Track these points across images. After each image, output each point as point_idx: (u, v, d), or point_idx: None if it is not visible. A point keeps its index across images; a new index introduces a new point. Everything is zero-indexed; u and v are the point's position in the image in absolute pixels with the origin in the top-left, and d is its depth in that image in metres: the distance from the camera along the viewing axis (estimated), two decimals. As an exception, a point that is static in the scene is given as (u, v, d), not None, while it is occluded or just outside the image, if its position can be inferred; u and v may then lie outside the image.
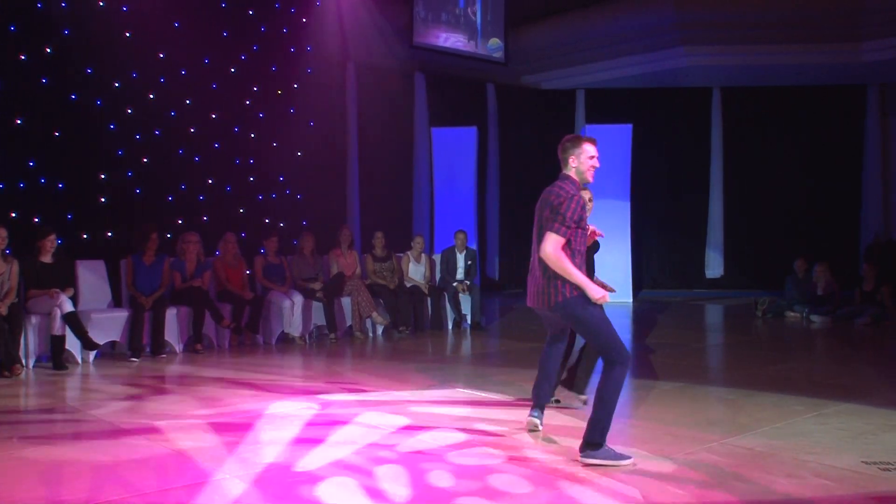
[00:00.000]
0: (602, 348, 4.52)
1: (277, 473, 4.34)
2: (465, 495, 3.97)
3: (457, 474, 4.30)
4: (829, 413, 5.75)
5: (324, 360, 8.54)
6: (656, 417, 5.57)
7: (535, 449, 4.80)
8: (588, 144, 4.87)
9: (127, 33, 10.12)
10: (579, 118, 17.14)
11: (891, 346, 9.71)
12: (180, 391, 6.64)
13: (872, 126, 16.62)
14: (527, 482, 4.17)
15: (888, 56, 14.14)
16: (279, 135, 11.80)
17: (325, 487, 4.09)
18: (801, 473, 4.33)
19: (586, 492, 4.04)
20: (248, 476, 4.25)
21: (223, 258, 9.44)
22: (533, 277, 4.72)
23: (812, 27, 14.10)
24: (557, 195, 4.64)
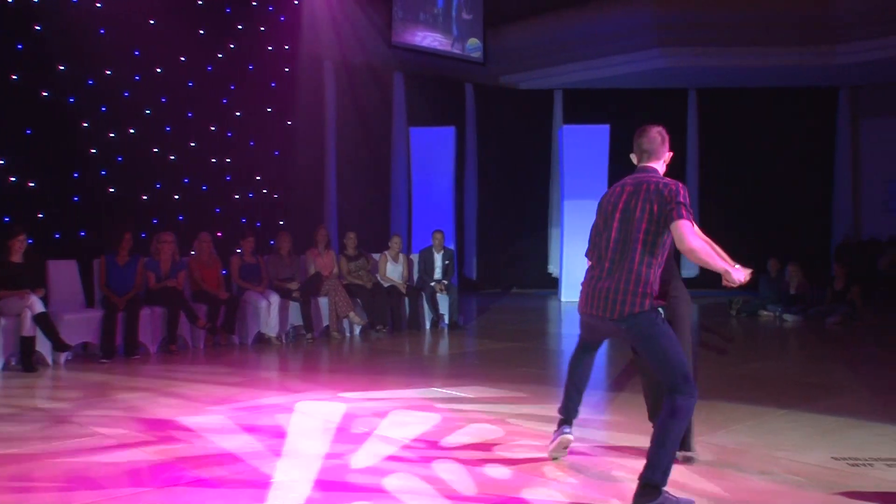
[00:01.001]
0: (667, 372, 3.82)
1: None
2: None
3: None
4: (801, 410, 5.82)
5: (300, 361, 8.49)
6: (631, 416, 5.59)
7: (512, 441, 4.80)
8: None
9: (101, 30, 9.99)
10: (557, 118, 17.21)
11: (860, 345, 9.81)
12: (154, 393, 6.56)
13: (843, 128, 16.83)
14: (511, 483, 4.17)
15: (860, 59, 14.30)
16: (256, 134, 11.72)
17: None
18: (773, 470, 4.39)
19: (566, 488, 4.05)
20: (217, 478, 4.22)
21: (198, 258, 9.36)
22: (601, 282, 4.00)
23: (786, 30, 14.24)
24: (665, 185, 3.93)
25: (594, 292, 4.03)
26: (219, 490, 4.05)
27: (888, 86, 16.19)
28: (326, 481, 4.16)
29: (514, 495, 3.96)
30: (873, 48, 14.01)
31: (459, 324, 10.81)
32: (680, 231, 3.76)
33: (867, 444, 4.88)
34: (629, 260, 3.90)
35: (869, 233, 16.21)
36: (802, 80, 15.96)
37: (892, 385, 7.09)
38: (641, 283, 3.85)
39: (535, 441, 4.94)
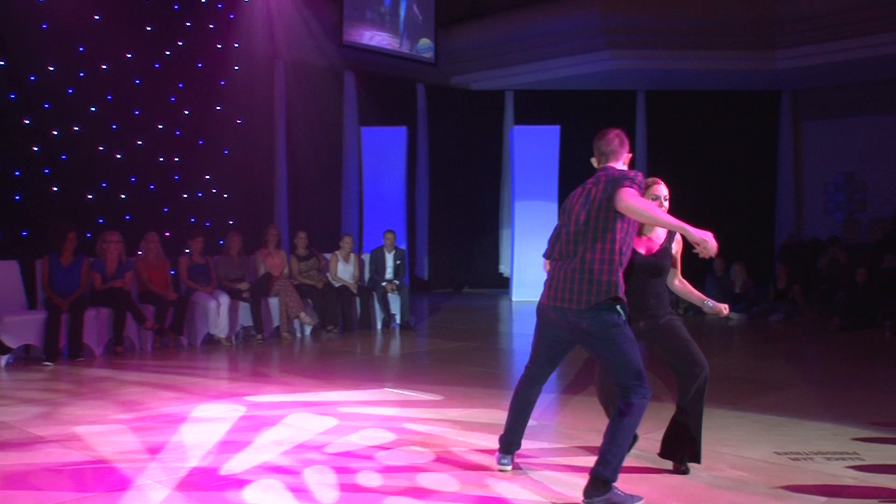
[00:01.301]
0: (623, 372, 3.88)
1: (201, 477, 4.25)
2: (394, 495, 3.95)
3: (385, 474, 4.28)
4: (745, 407, 5.94)
5: (250, 361, 8.41)
6: (584, 414, 5.65)
7: (462, 447, 4.80)
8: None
9: (44, 24, 9.78)
10: (508, 119, 17.27)
11: (802, 342, 10.04)
12: (99, 395, 6.45)
13: (786, 130, 17.19)
14: (456, 481, 4.17)
15: (800, 64, 14.60)
16: (205, 133, 11.58)
17: (250, 491, 4.03)
18: (718, 465, 4.47)
19: (514, 488, 4.06)
20: (170, 481, 4.16)
21: (145, 258, 9.22)
22: (565, 273, 3.99)
23: (730, 35, 14.48)
24: (623, 173, 3.96)
25: (558, 284, 4.04)
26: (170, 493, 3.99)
27: (828, 89, 16.56)
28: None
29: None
30: (813, 53, 14.31)
31: (411, 324, 10.80)
32: (620, 193, 3.80)
33: (808, 439, 5.00)
34: (591, 251, 3.92)
35: (810, 233, 16.56)
36: (746, 83, 16.26)
37: (832, 381, 7.27)
38: (605, 273, 3.87)
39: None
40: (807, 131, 17.22)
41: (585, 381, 6.93)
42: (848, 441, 4.95)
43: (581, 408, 5.94)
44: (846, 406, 5.97)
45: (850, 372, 7.77)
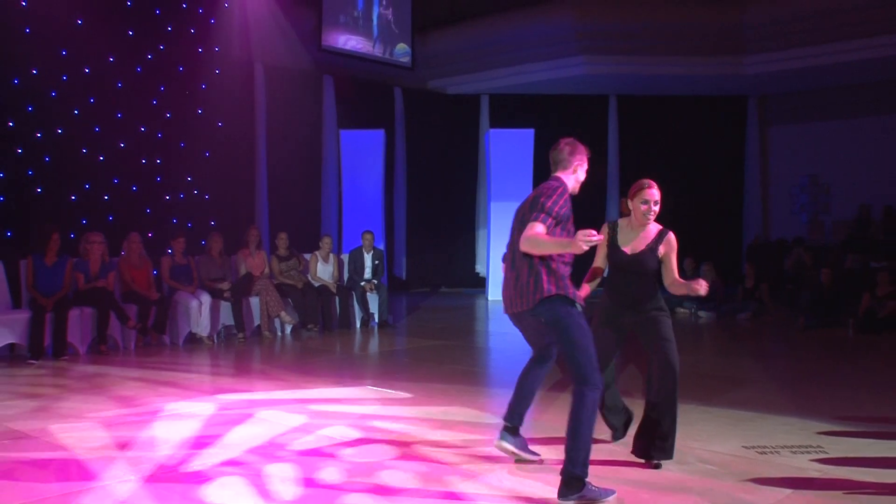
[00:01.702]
0: (578, 364, 3.92)
1: (166, 473, 4.28)
2: (354, 492, 3.97)
3: (349, 471, 4.29)
4: (713, 403, 6.00)
5: (231, 360, 8.40)
6: (557, 411, 5.66)
7: (429, 445, 4.83)
8: (587, 156, 4.52)
9: (27, 28, 9.71)
10: (484, 122, 17.33)
11: (769, 340, 10.16)
12: (81, 393, 6.42)
13: (753, 135, 17.37)
14: (418, 479, 4.19)
15: (766, 70, 14.79)
16: (187, 135, 11.53)
17: (212, 488, 4.06)
18: (688, 459, 4.51)
19: (474, 485, 4.08)
20: (137, 477, 4.17)
21: (128, 258, 9.17)
22: (510, 281, 4.20)
23: (699, 41, 14.61)
24: (541, 193, 4.14)
25: (508, 292, 4.22)
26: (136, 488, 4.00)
27: (793, 95, 16.75)
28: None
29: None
30: (778, 59, 14.49)
31: (389, 322, 10.82)
32: (526, 229, 4.01)
33: (774, 434, 5.07)
34: (528, 258, 4.08)
35: (777, 234, 16.74)
36: (715, 89, 16.41)
37: (797, 378, 7.37)
38: (543, 276, 4.03)
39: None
40: (773, 135, 17.42)
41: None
42: (812, 435, 5.02)
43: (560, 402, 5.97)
44: (811, 401, 6.06)
45: (814, 369, 7.88)
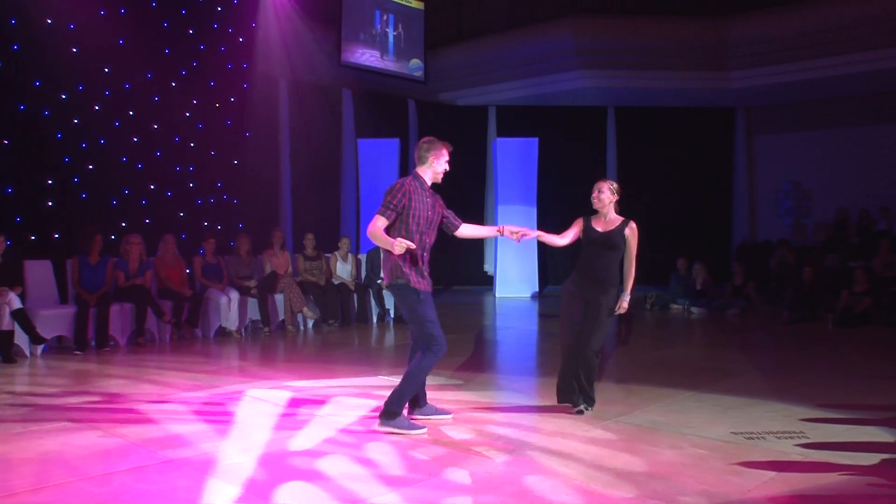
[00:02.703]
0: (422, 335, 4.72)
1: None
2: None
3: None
4: (704, 391, 6.02)
5: (258, 352, 8.45)
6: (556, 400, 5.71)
7: (455, 429, 4.87)
8: (446, 149, 4.87)
9: (74, 49, 9.80)
10: (491, 132, 17.36)
11: (756, 334, 10.15)
12: (124, 381, 6.49)
13: (740, 143, 17.36)
14: (437, 463, 4.23)
15: (751, 83, 14.79)
16: (217, 144, 11.60)
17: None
18: (681, 444, 4.53)
19: (542, 482, 4.08)
20: (190, 459, 4.21)
21: (164, 258, 9.25)
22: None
23: (688, 58, 14.62)
24: (391, 186, 4.72)
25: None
26: (179, 471, 4.05)
27: (777, 107, 16.73)
28: (267, 463, 4.17)
29: (439, 475, 3.98)
30: (761, 75, 14.49)
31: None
32: (370, 227, 4.65)
33: (761, 420, 5.10)
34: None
35: (763, 235, 16.73)
36: (704, 101, 16.40)
37: (781, 368, 7.38)
38: (389, 263, 4.71)
39: (461, 424, 4.98)
40: (759, 144, 17.39)
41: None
42: (795, 421, 5.05)
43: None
44: (794, 390, 6.07)
45: (797, 360, 7.88)
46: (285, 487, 3.77)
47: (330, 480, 3.88)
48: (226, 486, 3.78)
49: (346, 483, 3.83)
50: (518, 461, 4.21)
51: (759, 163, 17.40)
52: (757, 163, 17.43)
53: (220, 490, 3.73)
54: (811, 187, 16.39)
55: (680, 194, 16.87)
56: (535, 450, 4.43)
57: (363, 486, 3.78)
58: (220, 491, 3.72)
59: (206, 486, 3.78)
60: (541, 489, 3.75)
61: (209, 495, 3.66)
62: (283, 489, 3.75)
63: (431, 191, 4.85)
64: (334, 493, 3.70)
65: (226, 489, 3.74)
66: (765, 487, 3.79)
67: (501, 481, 3.87)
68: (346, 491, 3.72)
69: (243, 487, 3.77)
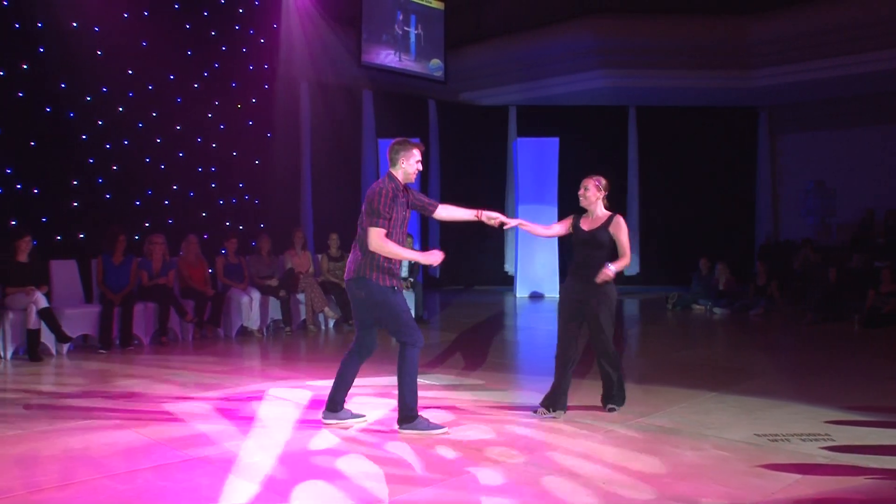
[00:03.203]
0: (400, 331, 4.75)
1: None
2: (471, 463, 4.01)
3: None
4: (727, 392, 5.96)
5: (279, 352, 8.50)
6: (580, 400, 5.68)
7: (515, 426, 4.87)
8: (416, 150, 4.91)
9: (98, 51, 9.91)
10: (511, 131, 17.32)
11: (779, 335, 10.05)
12: (148, 380, 6.55)
13: (763, 143, 17.19)
14: (458, 463, 4.23)
15: (773, 82, 14.64)
16: (238, 145, 11.66)
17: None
18: (703, 446, 4.49)
19: (562, 484, 4.04)
20: (212, 457, 4.24)
21: (186, 258, 9.31)
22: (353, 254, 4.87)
23: (710, 56, 14.50)
24: (371, 192, 4.76)
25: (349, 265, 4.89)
26: (202, 469, 4.07)
27: (801, 105, 16.55)
28: (288, 461, 4.18)
29: (458, 475, 3.97)
30: (784, 73, 14.34)
31: (424, 318, 10.85)
32: (367, 236, 4.72)
33: (784, 422, 5.04)
34: (359, 243, 4.80)
35: (786, 235, 16.56)
36: (726, 100, 16.26)
37: (805, 369, 7.30)
38: (366, 260, 4.72)
39: (482, 424, 4.97)
40: (782, 143, 17.22)
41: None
42: (820, 423, 4.99)
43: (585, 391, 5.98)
44: (818, 392, 6.00)
45: (821, 361, 7.80)
46: (304, 486, 3.79)
47: (348, 480, 3.89)
48: (247, 485, 3.79)
49: (365, 483, 3.84)
50: (538, 462, 4.20)
51: (783, 162, 17.22)
52: (780, 162, 17.25)
53: (241, 488, 3.75)
54: (836, 186, 16.17)
55: (702, 194, 16.74)
56: (555, 451, 4.41)
57: (381, 486, 3.79)
58: (240, 489, 3.74)
59: (227, 485, 3.80)
60: (562, 490, 3.73)
61: (230, 493, 3.68)
62: (302, 488, 3.76)
63: (404, 190, 4.90)
64: (352, 493, 3.70)
65: (247, 487, 3.76)
66: (789, 490, 3.74)
67: (520, 482, 3.85)
68: (364, 491, 3.72)
69: (263, 486, 3.78)
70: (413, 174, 4.91)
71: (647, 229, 16.90)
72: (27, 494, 3.64)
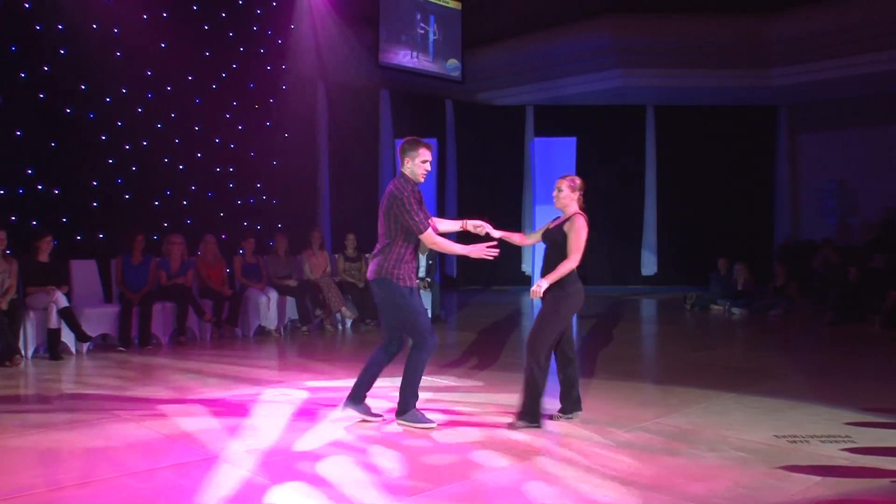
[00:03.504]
0: (413, 330, 4.83)
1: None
2: (446, 466, 4.02)
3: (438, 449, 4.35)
4: (746, 393, 5.91)
5: (297, 351, 8.53)
6: (598, 400, 5.67)
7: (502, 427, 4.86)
8: (424, 149, 4.92)
9: (117, 53, 9.98)
10: (529, 131, 17.28)
11: (799, 335, 9.97)
12: (166, 379, 6.60)
13: (783, 142, 17.04)
14: (501, 456, 4.23)
15: (793, 81, 14.52)
16: (256, 145, 11.71)
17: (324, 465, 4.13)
18: (722, 447, 4.46)
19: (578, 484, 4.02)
20: (227, 455, 4.26)
21: (204, 258, 9.37)
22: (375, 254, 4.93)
23: (730, 54, 14.41)
24: (399, 201, 4.77)
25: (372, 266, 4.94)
26: (220, 468, 4.10)
27: (821, 104, 16.39)
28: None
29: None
30: (804, 71, 14.22)
31: (441, 317, 10.86)
32: (424, 240, 4.86)
33: (804, 423, 4.99)
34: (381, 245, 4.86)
35: (806, 235, 16.42)
36: (745, 99, 16.14)
37: (825, 371, 7.24)
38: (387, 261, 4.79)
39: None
40: (802, 142, 17.07)
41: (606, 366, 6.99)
42: (841, 425, 4.94)
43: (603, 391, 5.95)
44: (839, 393, 5.95)
45: (841, 362, 7.73)
46: (324, 486, 3.80)
47: (361, 482, 3.90)
48: (267, 483, 3.81)
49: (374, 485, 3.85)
50: (551, 463, 4.19)
51: (803, 161, 17.07)
52: (800, 161, 17.10)
53: (261, 487, 3.77)
54: (856, 186, 16.02)
55: (721, 193, 16.64)
56: (569, 451, 4.40)
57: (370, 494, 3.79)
58: (261, 488, 3.76)
59: (247, 484, 3.82)
60: (578, 490, 3.72)
61: (250, 492, 3.70)
62: (323, 489, 3.78)
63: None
64: (370, 492, 3.72)
65: (267, 486, 3.78)
66: (809, 492, 3.71)
67: (515, 487, 3.85)
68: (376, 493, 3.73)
69: (284, 484, 3.80)
70: (421, 175, 4.89)
71: (665, 229, 16.82)
72: (48, 492, 3.68)
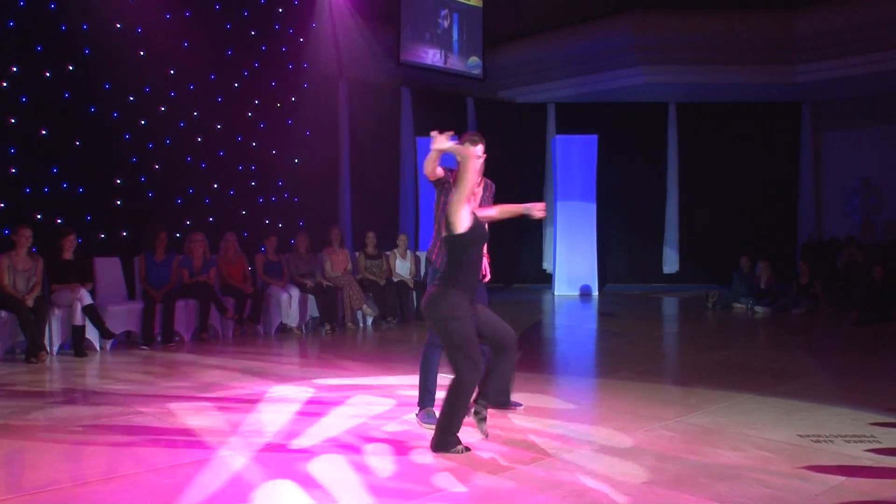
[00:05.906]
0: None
1: (275, 450, 4.38)
2: (444, 471, 4.02)
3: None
4: (769, 393, 5.86)
5: (318, 349, 8.56)
6: (619, 399, 5.65)
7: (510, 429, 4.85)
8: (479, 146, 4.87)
9: (141, 52, 10.08)
10: (550, 129, 17.23)
11: (822, 335, 9.86)
12: (189, 376, 6.65)
13: (806, 139, 16.85)
14: (506, 459, 4.23)
15: (819, 77, 14.35)
16: (278, 144, 11.78)
17: (317, 463, 4.14)
18: (744, 447, 4.42)
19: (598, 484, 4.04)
20: (249, 453, 4.28)
21: (225, 256, 9.42)
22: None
23: (754, 51, 14.27)
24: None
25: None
26: (242, 465, 4.12)
27: (845, 101, 16.20)
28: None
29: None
30: (829, 68, 14.06)
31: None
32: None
33: (828, 423, 4.94)
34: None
35: (830, 233, 16.23)
36: (769, 95, 15.99)
37: (849, 370, 7.14)
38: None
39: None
40: (826, 140, 16.87)
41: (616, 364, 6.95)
42: (865, 425, 4.88)
43: (623, 390, 5.93)
44: (863, 393, 5.88)
45: (866, 362, 7.63)
46: (349, 486, 3.81)
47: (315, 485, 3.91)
48: (291, 483, 3.83)
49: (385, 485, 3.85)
50: (570, 463, 4.18)
51: (827, 159, 16.87)
52: (824, 159, 16.91)
53: (285, 485, 3.79)
54: (881, 184, 15.81)
55: (743, 191, 16.50)
56: (593, 449, 4.39)
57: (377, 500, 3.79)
58: (285, 486, 3.78)
59: (270, 481, 3.84)
60: (598, 491, 3.71)
61: (273, 490, 3.71)
62: (347, 492, 3.79)
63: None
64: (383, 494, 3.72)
65: (290, 485, 3.80)
66: (833, 493, 3.67)
67: (554, 483, 3.84)
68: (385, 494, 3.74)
69: (308, 483, 3.82)
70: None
71: (687, 226, 16.70)
72: (73, 487, 3.72)
